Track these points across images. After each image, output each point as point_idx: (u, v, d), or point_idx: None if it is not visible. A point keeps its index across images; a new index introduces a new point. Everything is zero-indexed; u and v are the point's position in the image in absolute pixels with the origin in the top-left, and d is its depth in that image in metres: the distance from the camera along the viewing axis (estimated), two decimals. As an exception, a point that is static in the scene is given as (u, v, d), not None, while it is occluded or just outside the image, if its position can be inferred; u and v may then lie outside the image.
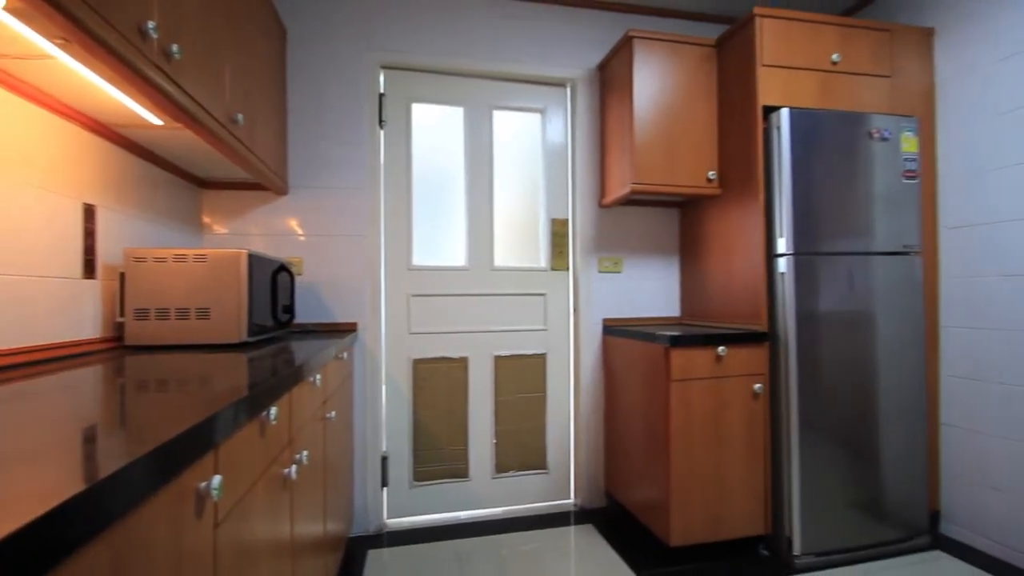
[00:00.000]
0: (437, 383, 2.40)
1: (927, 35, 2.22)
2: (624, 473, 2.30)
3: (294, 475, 1.07)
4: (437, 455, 2.39)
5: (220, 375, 0.97)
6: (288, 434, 1.09)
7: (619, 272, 2.53)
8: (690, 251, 2.50)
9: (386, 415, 2.34)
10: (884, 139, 2.03)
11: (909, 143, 2.06)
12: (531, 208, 2.54)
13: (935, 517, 2.21)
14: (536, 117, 2.54)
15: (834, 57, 2.07)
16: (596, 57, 2.51)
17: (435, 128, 2.43)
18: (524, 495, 2.48)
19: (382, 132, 2.34)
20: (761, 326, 2.01)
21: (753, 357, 1.99)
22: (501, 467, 2.46)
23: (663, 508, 1.95)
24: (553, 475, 2.52)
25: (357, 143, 2.26)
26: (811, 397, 1.95)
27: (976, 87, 2.07)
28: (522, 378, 2.49)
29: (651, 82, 2.17)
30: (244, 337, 1.49)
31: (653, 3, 2.54)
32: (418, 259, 2.39)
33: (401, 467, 2.35)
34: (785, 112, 1.94)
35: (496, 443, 2.45)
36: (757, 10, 2.00)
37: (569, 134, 2.55)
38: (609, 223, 2.52)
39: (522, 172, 2.53)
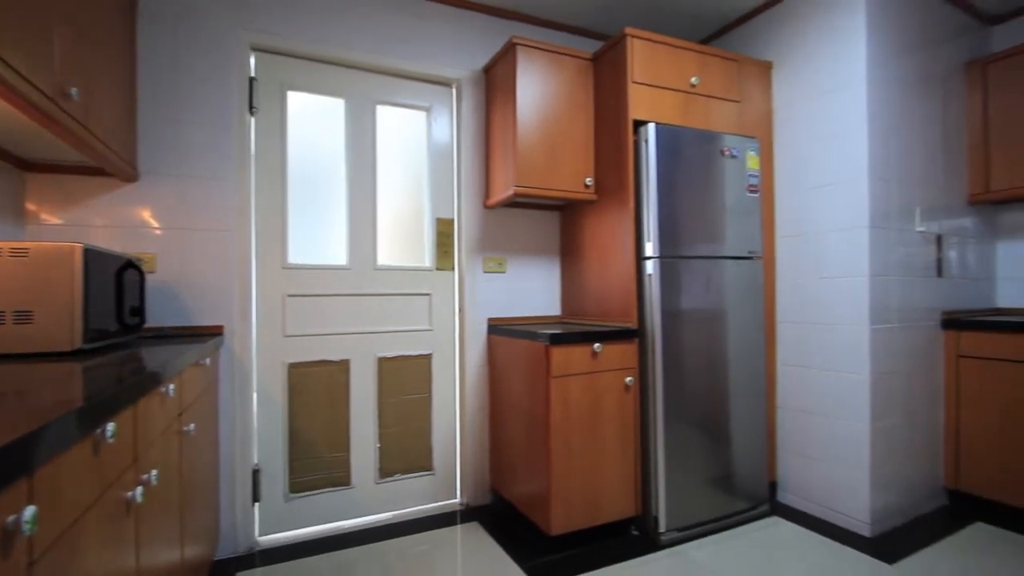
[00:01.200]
0: (316, 388, 2.28)
1: (767, 67, 2.55)
2: (508, 469, 2.36)
3: (139, 498, 0.96)
4: (316, 463, 2.27)
5: (41, 389, 0.84)
6: (133, 452, 0.97)
7: (503, 272, 2.58)
8: (570, 253, 2.63)
9: (258, 424, 2.17)
10: (733, 156, 2.29)
11: (753, 161, 2.34)
12: (416, 207, 2.51)
13: (773, 487, 2.54)
14: (422, 115, 2.51)
15: (693, 80, 2.30)
16: (482, 59, 2.55)
17: (314, 119, 2.31)
18: (410, 498, 2.45)
19: (253, 119, 2.17)
20: (632, 323, 2.17)
21: (625, 352, 2.14)
22: (385, 471, 2.40)
23: (544, 499, 2.03)
24: (439, 476, 2.51)
25: (224, 129, 2.08)
26: (674, 387, 2.14)
27: (804, 115, 2.41)
28: (407, 379, 2.45)
29: (533, 89, 2.24)
30: (79, 344, 1.30)
31: (536, 13, 2.63)
32: (295, 257, 2.26)
33: (275, 479, 2.20)
34: (652, 127, 2.11)
35: (380, 447, 2.39)
36: (628, 30, 2.16)
37: (455, 134, 2.55)
38: (494, 224, 2.57)
39: (407, 170, 2.49)
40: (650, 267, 2.12)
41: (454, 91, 2.56)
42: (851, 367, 2.20)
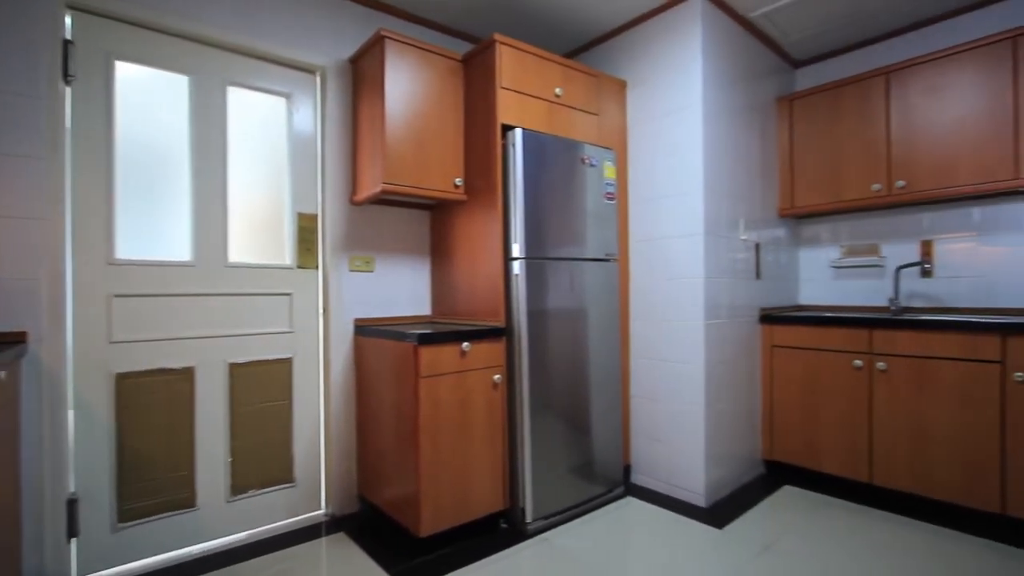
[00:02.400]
0: (153, 400, 2.02)
1: (622, 85, 2.78)
2: (377, 473, 2.29)
3: None
4: (153, 486, 2.01)
5: None
6: None
7: (371, 271, 2.51)
8: (440, 252, 2.63)
9: (76, 447, 1.87)
10: (592, 165, 2.47)
11: (609, 171, 2.54)
12: (276, 200, 2.33)
13: (628, 470, 2.77)
14: (282, 102, 2.34)
15: (557, 91, 2.43)
16: (349, 49, 2.45)
17: (152, 96, 2.04)
18: (268, 514, 2.27)
19: (69, 89, 1.86)
20: (500, 322, 2.23)
21: (493, 351, 2.19)
22: (238, 487, 2.20)
23: (413, 501, 2.00)
24: (301, 487, 2.36)
25: (33, 99, 1.75)
26: (539, 383, 2.24)
27: (652, 132, 2.67)
28: (264, 386, 2.27)
29: (403, 85, 2.21)
30: None
31: (408, 8, 2.59)
32: (125, 252, 1.98)
33: (99, 508, 1.90)
34: (519, 132, 2.19)
35: (232, 461, 2.18)
36: (497, 37, 2.22)
37: (319, 125, 2.42)
38: (361, 221, 2.48)
39: (265, 160, 2.30)
40: (517, 267, 2.20)
41: (318, 79, 2.42)
42: (689, 358, 2.48)
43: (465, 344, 2.09)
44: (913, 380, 2.32)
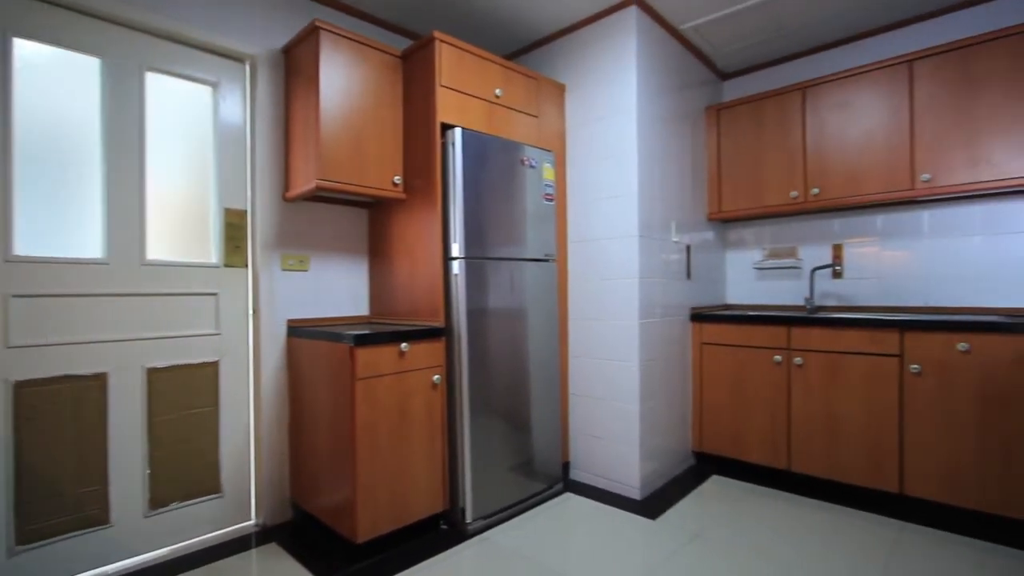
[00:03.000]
0: (58, 410, 1.85)
1: (561, 89, 2.83)
2: (311, 480, 2.22)
3: None
4: (58, 504, 1.85)
5: None
6: None
7: (306, 271, 2.42)
8: (379, 251, 2.58)
9: (-37, 463, 1.69)
10: (532, 167, 2.50)
11: (548, 172, 2.58)
12: (200, 195, 2.21)
13: (567, 467, 2.83)
14: (207, 91, 2.22)
15: (497, 91, 2.44)
16: (281, 39, 2.35)
17: (58, 79, 1.87)
18: (193, 527, 2.14)
19: (-44, 69, 1.68)
20: (439, 322, 2.22)
21: (432, 351, 2.18)
22: (158, 501, 2.06)
23: (350, 507, 1.95)
24: (229, 497, 2.24)
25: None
26: (479, 382, 2.25)
27: (589, 136, 2.74)
28: (188, 392, 2.14)
29: (339, 79, 2.15)
30: None
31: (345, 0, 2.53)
32: (25, 248, 1.80)
33: (-8, 530, 1.73)
34: (459, 131, 2.19)
35: (151, 473, 2.04)
36: (437, 34, 2.20)
37: (248, 117, 2.31)
38: (295, 218, 2.39)
39: (190, 152, 2.17)
40: (456, 267, 2.20)
41: (248, 69, 2.31)
42: (625, 356, 2.57)
43: (404, 344, 2.06)
44: (826, 373, 2.50)
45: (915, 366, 2.27)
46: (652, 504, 2.49)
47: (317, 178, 2.08)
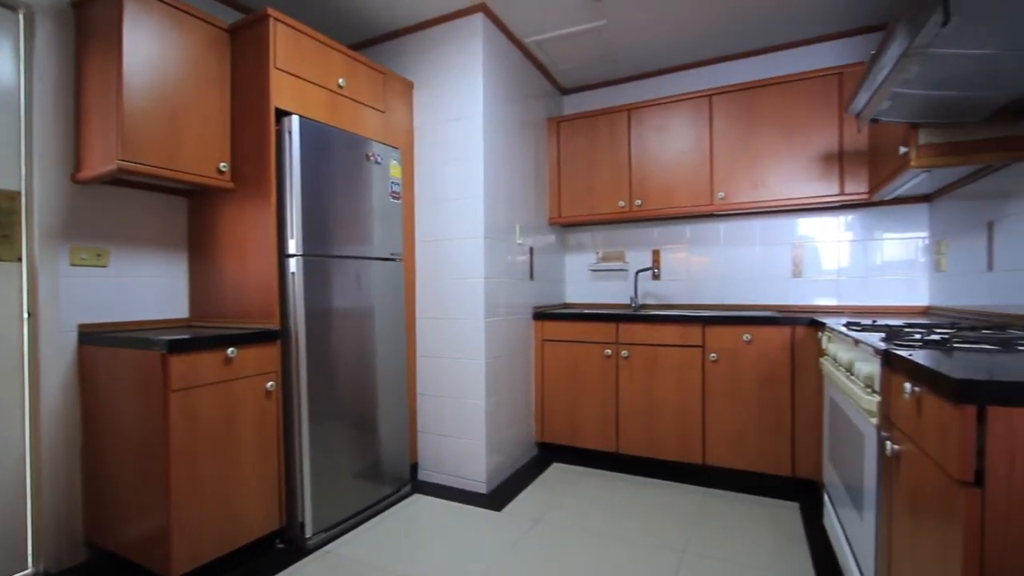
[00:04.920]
0: None
1: (409, 86, 2.80)
2: (113, 511, 1.89)
3: None
4: None
5: None
6: None
7: (105, 267, 2.06)
8: (202, 246, 2.29)
9: None
10: (378, 163, 2.43)
11: (395, 170, 2.54)
12: (-53, 170, 1.75)
13: (415, 468, 2.80)
14: (-42, 41, 1.77)
15: (340, 81, 2.33)
16: (70, -9, 1.97)
17: None
18: (-71, 590, 1.69)
19: None
20: (273, 324, 2.05)
21: (265, 355, 2.00)
22: None
23: (163, 537, 1.70)
24: (-9, 545, 1.81)
25: None
26: (321, 387, 2.12)
27: (438, 137, 2.75)
28: (-74, 419, 1.68)
29: (149, 45, 1.86)
30: None
31: (156, -43, 2.20)
32: None
33: None
34: (296, 119, 2.04)
35: None
36: (271, 11, 2.03)
37: (23, 78, 1.90)
38: (89, 204, 2.02)
39: (-72, 114, 1.71)
40: (293, 265, 2.05)
41: (22, 20, 1.90)
42: (472, 354, 2.62)
43: (231, 350, 1.86)
44: (647, 364, 2.83)
45: (713, 355, 2.67)
46: (498, 496, 2.58)
47: (120, 158, 1.78)
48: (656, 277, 3.42)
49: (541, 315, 3.14)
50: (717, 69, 3.24)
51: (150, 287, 2.21)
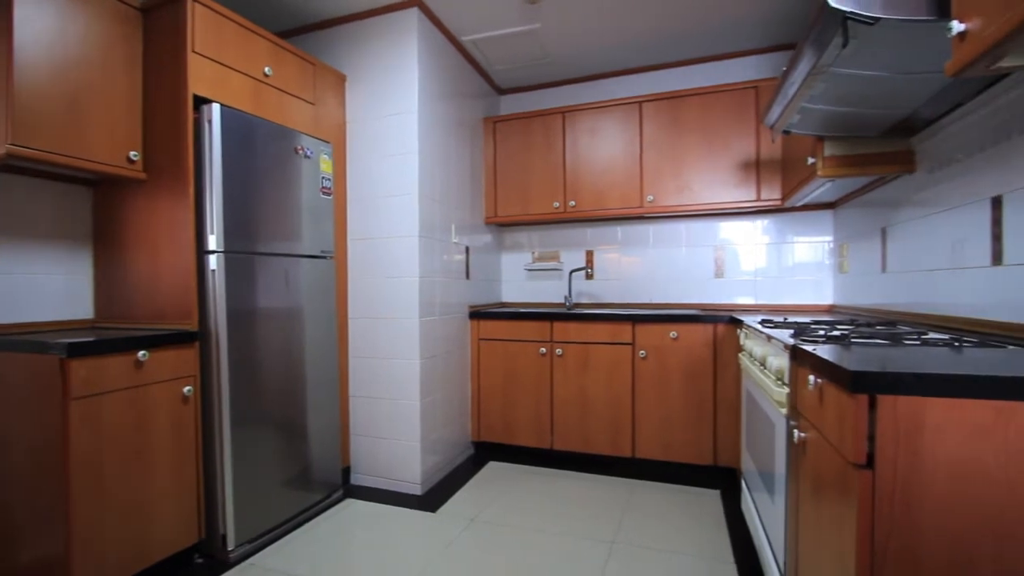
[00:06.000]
0: None
1: (341, 79, 2.71)
2: (2, 536, 1.71)
3: None
4: None
5: None
6: None
7: (-9, 263, 1.85)
8: (109, 241, 2.11)
9: None
10: (307, 157, 2.34)
11: (326, 164, 2.45)
12: None
13: (347, 472, 2.72)
14: None
15: (267, 70, 2.22)
16: (-52, -47, 1.75)
17: None
18: None
19: None
20: (191, 325, 1.92)
21: (182, 359, 1.87)
22: None
23: (62, 562, 1.55)
24: None
25: None
26: (244, 391, 2.01)
27: (371, 132, 2.68)
28: None
29: (45, 20, 1.69)
30: None
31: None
32: None
33: None
34: (216, 107, 1.92)
35: None
36: (189, -8, 1.90)
37: None
38: (-28, 194, 1.81)
39: None
40: (213, 262, 1.93)
41: None
42: (406, 354, 2.58)
43: (142, 353, 1.73)
44: (580, 362, 2.90)
45: (643, 352, 2.78)
46: (433, 497, 2.55)
47: (10, 142, 1.60)
48: (589, 277, 3.51)
49: (477, 314, 3.14)
50: (648, 77, 3.37)
51: (47, 285, 2.01)
